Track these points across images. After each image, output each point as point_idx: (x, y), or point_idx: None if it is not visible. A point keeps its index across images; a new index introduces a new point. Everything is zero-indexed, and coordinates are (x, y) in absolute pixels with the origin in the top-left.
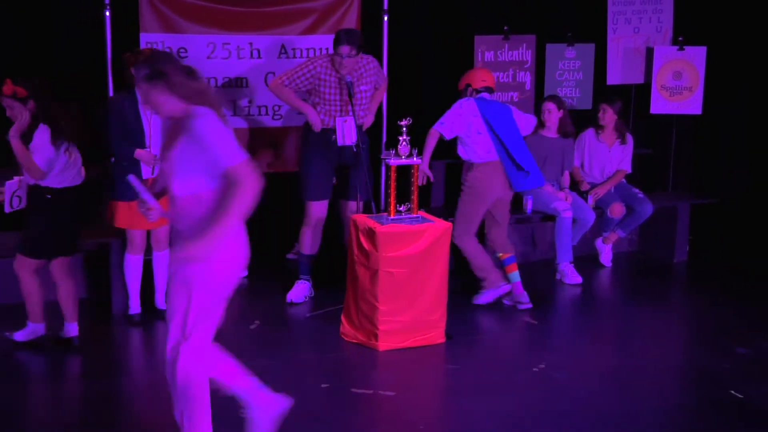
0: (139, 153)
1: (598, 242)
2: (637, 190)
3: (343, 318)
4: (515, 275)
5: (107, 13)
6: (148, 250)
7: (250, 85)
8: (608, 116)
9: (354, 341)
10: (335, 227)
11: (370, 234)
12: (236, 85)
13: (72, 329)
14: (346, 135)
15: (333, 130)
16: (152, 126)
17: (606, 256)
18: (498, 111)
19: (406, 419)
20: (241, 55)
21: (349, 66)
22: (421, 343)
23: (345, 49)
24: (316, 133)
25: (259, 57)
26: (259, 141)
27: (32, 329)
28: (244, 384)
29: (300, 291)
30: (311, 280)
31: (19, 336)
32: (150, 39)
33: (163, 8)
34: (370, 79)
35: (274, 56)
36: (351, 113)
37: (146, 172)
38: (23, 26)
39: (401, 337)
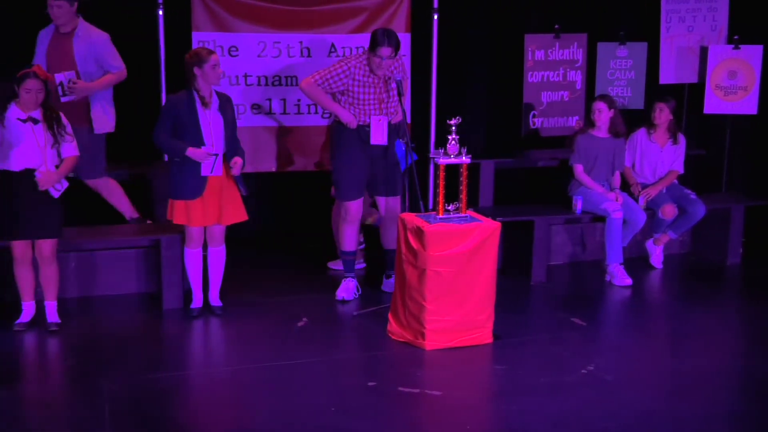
0: (191, 151)
1: (649, 244)
2: (689, 191)
3: (390, 317)
4: None
5: (160, 13)
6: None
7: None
8: (664, 115)
9: (401, 340)
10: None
11: (419, 233)
12: (286, 83)
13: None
14: (380, 134)
15: (367, 128)
16: (212, 125)
17: (657, 257)
18: None
19: (453, 419)
20: (291, 53)
21: (387, 67)
22: (469, 342)
23: (387, 51)
24: (349, 132)
25: (308, 56)
26: (308, 140)
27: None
28: None
29: (349, 288)
30: (356, 276)
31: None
32: (202, 38)
33: (215, 7)
34: (398, 77)
35: (324, 55)
36: (384, 112)
37: (206, 168)
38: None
39: (448, 336)
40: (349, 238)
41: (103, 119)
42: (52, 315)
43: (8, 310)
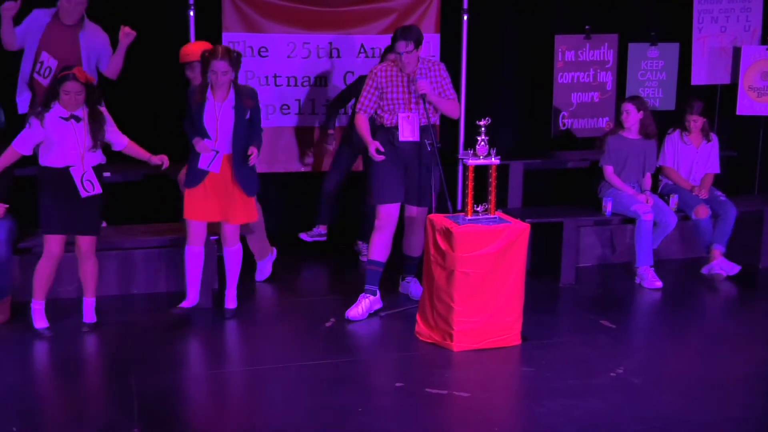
0: (195, 140)
1: (706, 270)
2: (719, 193)
3: (418, 317)
4: None
5: (191, 14)
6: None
7: (330, 85)
8: (699, 124)
9: (429, 341)
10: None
11: (447, 234)
12: (316, 84)
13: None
14: (409, 131)
15: (395, 129)
16: (220, 121)
17: (726, 268)
18: None
19: (481, 420)
20: (320, 54)
21: (411, 62)
22: (497, 344)
23: (401, 45)
24: (380, 135)
25: (338, 56)
26: (337, 140)
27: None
28: None
29: (361, 308)
30: (378, 291)
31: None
32: (232, 38)
33: (245, 8)
34: (434, 80)
35: (353, 55)
36: (415, 110)
37: (203, 161)
38: (110, 27)
39: (476, 337)
40: (379, 245)
41: None
42: (89, 314)
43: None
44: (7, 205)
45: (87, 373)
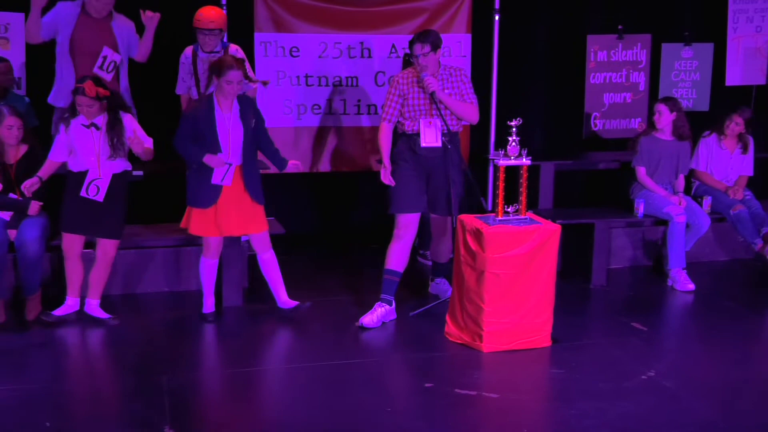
0: (208, 158)
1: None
2: (748, 192)
3: (448, 318)
4: None
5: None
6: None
7: (360, 85)
8: (738, 129)
9: (458, 342)
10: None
11: (477, 235)
12: (347, 84)
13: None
14: (431, 137)
15: (417, 136)
16: (231, 132)
17: None
18: None
19: (510, 422)
20: (351, 54)
21: (429, 65)
22: (527, 345)
23: (417, 47)
24: (402, 143)
25: (369, 56)
26: (368, 140)
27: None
28: None
29: (375, 315)
30: (394, 301)
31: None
32: (264, 38)
33: (277, 8)
34: (454, 85)
35: (385, 56)
36: (437, 116)
37: (217, 176)
38: (141, 27)
39: (506, 338)
40: (396, 255)
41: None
42: (95, 309)
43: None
44: (41, 203)
45: (118, 369)
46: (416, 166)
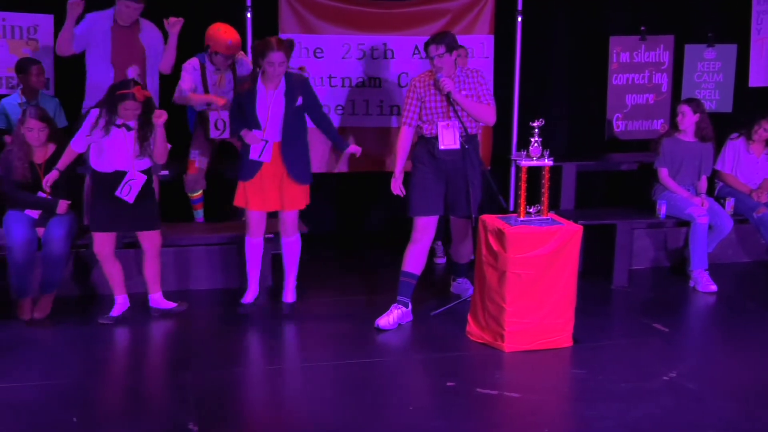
0: (244, 132)
1: None
2: None
3: (469, 317)
4: None
5: (248, 15)
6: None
7: (383, 86)
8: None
9: (480, 341)
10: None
11: (499, 235)
12: (370, 84)
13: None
14: (449, 139)
15: (435, 139)
16: (271, 108)
17: None
18: None
19: (531, 422)
20: (374, 55)
21: (444, 66)
22: (548, 345)
23: (431, 48)
24: (421, 147)
25: (392, 57)
26: (390, 140)
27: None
28: None
29: (392, 317)
30: (410, 303)
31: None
32: None
33: (301, 10)
34: (471, 87)
35: (408, 57)
36: (455, 118)
37: (254, 152)
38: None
39: (528, 338)
40: (413, 258)
41: None
42: (164, 304)
43: (93, 305)
44: (69, 201)
45: (145, 366)
46: (435, 170)
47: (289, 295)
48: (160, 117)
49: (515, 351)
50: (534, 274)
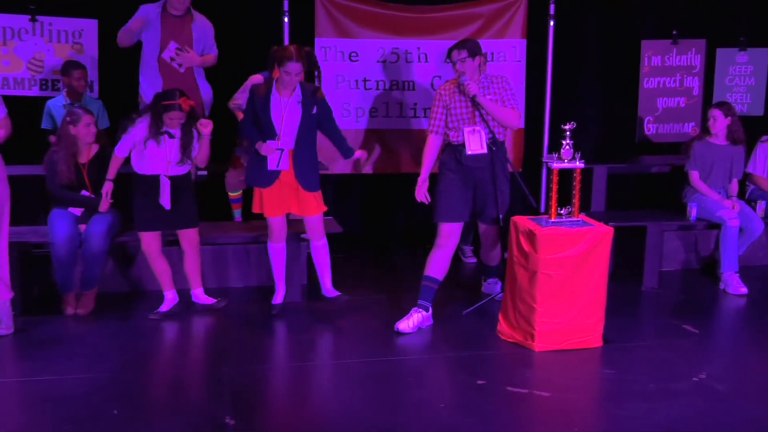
0: (259, 144)
1: None
2: None
3: (500, 317)
4: None
5: (286, 20)
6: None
7: (417, 89)
8: None
9: (511, 340)
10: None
11: (530, 236)
12: (404, 88)
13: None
14: (476, 144)
15: (461, 146)
16: (286, 117)
17: None
18: None
19: (561, 421)
20: (408, 59)
21: (467, 71)
22: (578, 345)
23: (454, 54)
24: (448, 153)
25: (426, 61)
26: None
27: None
28: None
29: (412, 320)
30: (431, 307)
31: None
32: (324, 44)
33: (337, 14)
34: (496, 92)
35: (441, 60)
36: (480, 123)
37: (272, 162)
38: (218, 31)
39: (558, 338)
40: (436, 263)
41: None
42: (203, 298)
43: (136, 300)
44: (112, 200)
45: (183, 360)
46: (461, 176)
47: (331, 291)
48: (206, 126)
49: (545, 350)
50: (565, 275)
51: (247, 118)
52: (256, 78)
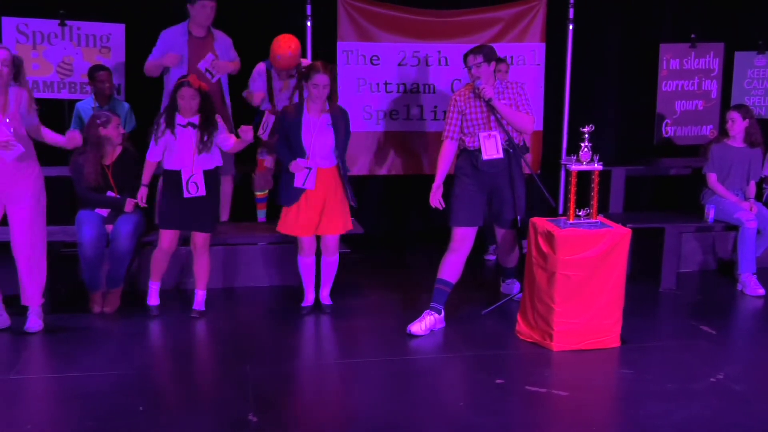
0: (291, 164)
1: None
2: None
3: (519, 317)
4: None
5: (309, 24)
6: None
7: (437, 92)
8: None
9: (529, 340)
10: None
11: (549, 237)
12: (424, 91)
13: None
14: (492, 149)
15: (477, 151)
16: (315, 136)
17: None
18: None
19: (579, 420)
20: (429, 62)
21: (482, 76)
22: (596, 346)
23: (470, 59)
24: (463, 158)
25: (446, 65)
26: None
27: None
28: None
29: (424, 323)
30: (443, 310)
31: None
32: (346, 47)
33: (359, 18)
34: (510, 97)
35: (461, 64)
36: (496, 128)
37: (298, 180)
38: (237, 44)
39: (576, 338)
40: (450, 267)
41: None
42: (199, 303)
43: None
44: (136, 201)
45: (207, 358)
46: (477, 182)
47: (327, 299)
48: (247, 132)
49: (563, 350)
50: (583, 276)
51: (281, 138)
52: (260, 66)
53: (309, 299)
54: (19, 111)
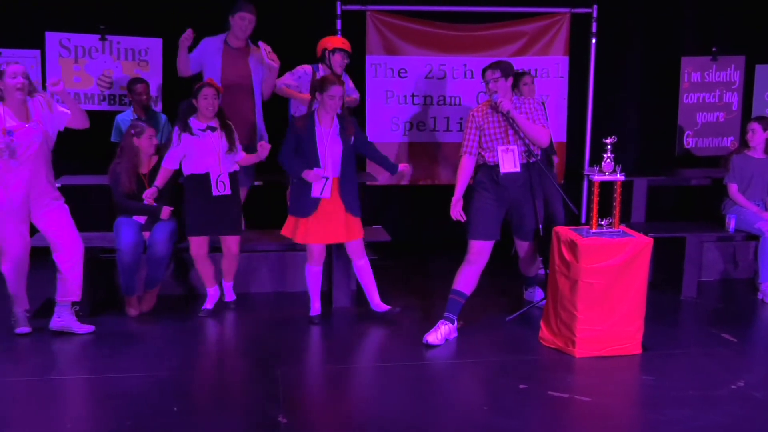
0: (306, 173)
1: None
2: None
3: (542, 324)
4: None
5: None
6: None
7: (463, 104)
8: None
9: (552, 347)
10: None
11: (572, 246)
12: (450, 103)
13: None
14: (510, 162)
15: (497, 166)
16: (329, 148)
17: None
18: None
19: (602, 424)
20: (455, 75)
21: (500, 90)
22: (618, 352)
23: (488, 73)
24: (483, 172)
25: (472, 77)
26: None
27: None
28: None
29: (439, 333)
30: (456, 320)
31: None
32: (374, 61)
33: (387, 33)
34: (527, 112)
35: None
36: (514, 142)
37: (315, 189)
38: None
39: (598, 345)
40: (465, 278)
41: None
42: (230, 294)
43: (193, 303)
44: (172, 208)
45: (238, 360)
46: (497, 196)
47: (379, 306)
48: (264, 149)
49: (586, 357)
50: (605, 284)
51: (288, 150)
52: (306, 67)
53: (315, 308)
54: (43, 115)
